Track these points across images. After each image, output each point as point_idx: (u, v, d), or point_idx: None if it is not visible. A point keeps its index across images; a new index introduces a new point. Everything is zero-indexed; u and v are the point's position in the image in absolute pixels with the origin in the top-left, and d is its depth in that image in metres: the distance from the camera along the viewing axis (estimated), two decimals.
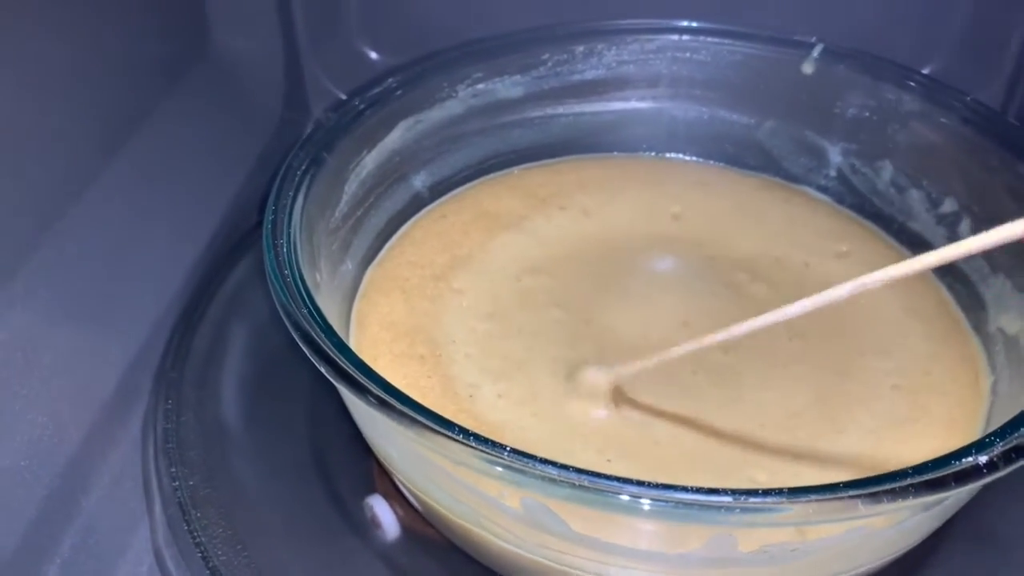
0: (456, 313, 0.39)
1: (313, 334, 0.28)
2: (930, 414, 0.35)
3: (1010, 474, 0.34)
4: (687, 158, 0.48)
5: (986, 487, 0.33)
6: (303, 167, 0.36)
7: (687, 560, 0.27)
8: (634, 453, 0.33)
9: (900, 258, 0.41)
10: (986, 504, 0.35)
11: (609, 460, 0.33)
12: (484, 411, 0.35)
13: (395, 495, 0.36)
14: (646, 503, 0.24)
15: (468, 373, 0.36)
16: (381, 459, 0.34)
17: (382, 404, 0.26)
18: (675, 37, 0.45)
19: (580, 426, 0.34)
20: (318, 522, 0.36)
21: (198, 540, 0.34)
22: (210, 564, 0.34)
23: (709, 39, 0.45)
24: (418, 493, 0.32)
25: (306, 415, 0.40)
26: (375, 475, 0.37)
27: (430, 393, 0.35)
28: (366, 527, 0.36)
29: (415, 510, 0.35)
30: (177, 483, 0.36)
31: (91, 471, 0.37)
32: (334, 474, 0.38)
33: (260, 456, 0.38)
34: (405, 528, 0.36)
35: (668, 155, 0.48)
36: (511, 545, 0.30)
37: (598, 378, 0.33)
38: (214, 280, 0.44)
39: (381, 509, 0.36)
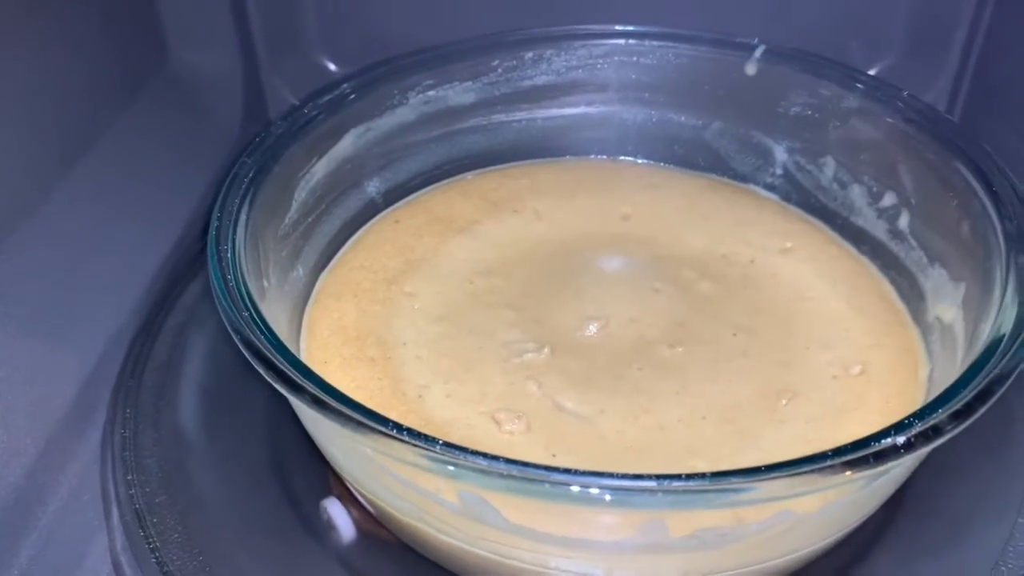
0: (407, 316, 0.39)
1: (252, 337, 0.29)
2: (868, 403, 0.35)
3: (957, 456, 0.35)
4: (638, 160, 0.49)
5: (933, 469, 0.34)
6: (249, 175, 0.36)
7: (622, 547, 0.28)
8: (579, 448, 0.34)
9: (843, 252, 0.43)
10: (934, 485, 0.36)
11: (554, 455, 0.33)
12: (432, 411, 0.35)
13: (350, 498, 0.37)
14: (573, 489, 0.24)
15: (418, 374, 0.37)
16: (327, 458, 0.34)
17: (317, 403, 0.27)
18: (621, 42, 0.46)
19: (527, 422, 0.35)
20: (274, 525, 0.36)
21: (153, 546, 0.35)
22: (165, 569, 0.34)
23: (654, 43, 0.46)
24: (363, 492, 0.32)
25: (264, 421, 0.40)
26: (331, 478, 0.38)
27: (379, 394, 0.36)
28: (322, 530, 0.36)
29: (370, 512, 0.36)
30: (133, 490, 0.36)
31: (48, 483, 0.38)
32: (291, 478, 0.38)
33: (217, 462, 0.38)
34: (360, 530, 0.36)
35: (620, 158, 0.49)
36: (454, 540, 0.30)
37: None
38: (173, 291, 0.45)
39: (336, 511, 0.36)
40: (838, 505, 0.29)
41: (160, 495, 0.36)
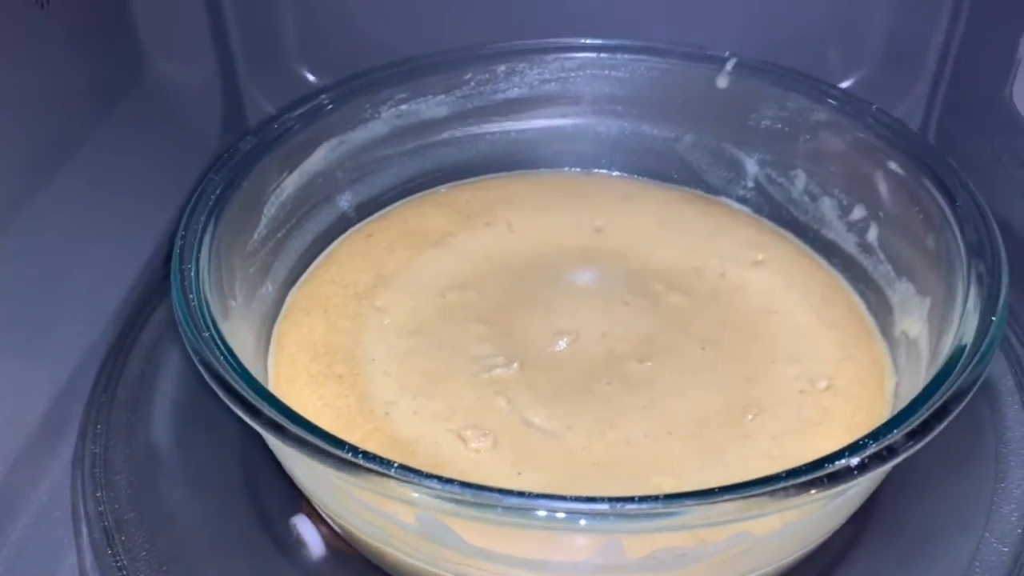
0: (377, 331, 0.39)
1: (211, 359, 0.29)
2: (834, 418, 0.35)
3: (924, 470, 0.35)
4: (612, 173, 0.49)
5: (900, 483, 0.34)
6: (216, 192, 0.36)
7: (580, 569, 0.28)
8: (545, 464, 0.34)
9: (813, 265, 0.43)
10: (901, 500, 0.36)
11: (520, 473, 0.33)
12: (399, 428, 0.35)
13: (319, 515, 0.37)
14: (526, 513, 0.24)
15: (386, 391, 0.37)
16: (293, 479, 0.34)
17: (274, 427, 0.27)
18: (594, 55, 0.46)
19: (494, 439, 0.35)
20: (243, 542, 0.36)
21: (120, 564, 0.34)
22: None
23: (627, 56, 0.46)
24: (327, 512, 0.32)
25: (235, 438, 0.40)
26: (301, 495, 0.38)
27: (345, 412, 0.36)
28: (292, 547, 0.36)
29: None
30: (102, 508, 0.36)
31: (18, 499, 0.38)
32: (261, 495, 0.38)
33: (188, 479, 0.38)
34: (329, 547, 0.36)
35: (593, 171, 0.49)
36: (417, 561, 0.30)
37: None
38: (147, 306, 0.44)
39: (305, 528, 0.36)
40: (799, 524, 0.29)
41: (129, 512, 0.36)
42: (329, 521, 0.34)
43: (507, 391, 0.37)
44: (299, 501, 0.38)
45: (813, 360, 0.38)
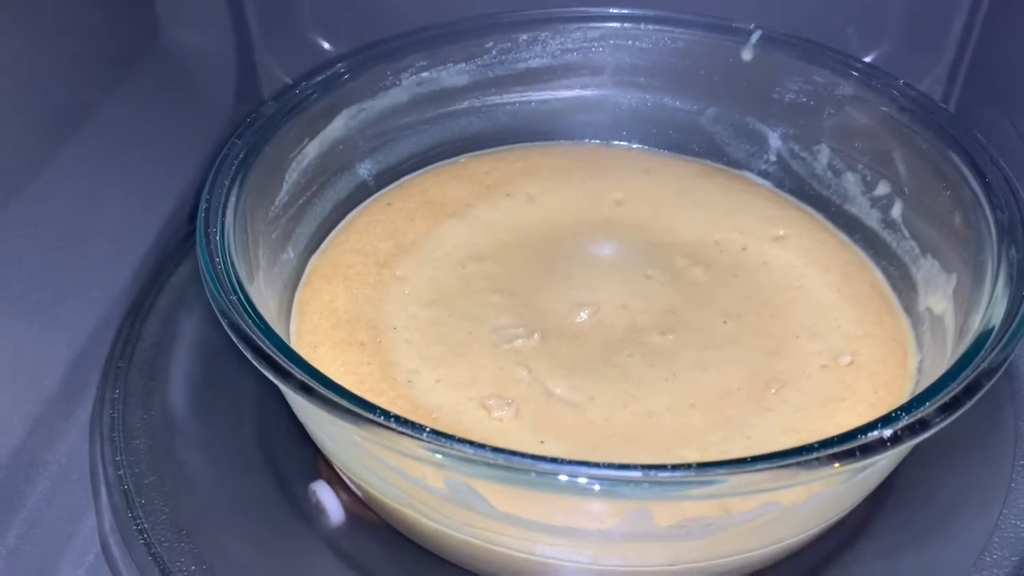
0: (398, 300, 0.39)
1: (240, 321, 0.29)
2: (857, 393, 0.35)
3: (943, 446, 0.35)
4: (633, 145, 0.48)
5: (919, 458, 0.34)
6: (240, 156, 0.36)
7: (608, 536, 0.28)
8: (568, 434, 0.34)
9: (835, 241, 0.43)
10: (920, 475, 0.36)
11: (543, 442, 0.33)
12: (421, 396, 0.35)
13: (339, 481, 0.37)
14: (559, 478, 0.24)
15: (408, 359, 0.37)
16: (316, 442, 0.34)
17: (304, 389, 0.27)
18: (617, 25, 0.46)
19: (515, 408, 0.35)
20: (262, 508, 0.36)
21: (141, 527, 0.35)
22: (152, 550, 0.34)
23: (650, 26, 0.45)
24: (351, 476, 0.32)
25: (253, 404, 0.40)
26: (320, 461, 0.38)
27: (368, 379, 0.36)
28: (311, 513, 0.36)
29: (358, 496, 0.36)
30: (122, 471, 0.36)
31: (37, 463, 0.38)
32: (279, 461, 0.38)
33: (206, 444, 0.38)
34: (349, 513, 0.36)
35: (614, 143, 0.49)
36: (441, 525, 0.30)
37: None
38: (163, 271, 0.44)
39: (325, 495, 0.36)
40: (824, 496, 0.29)
41: (148, 476, 0.36)
42: (351, 485, 0.34)
43: (528, 361, 0.36)
44: (318, 466, 0.38)
45: (836, 336, 0.38)
